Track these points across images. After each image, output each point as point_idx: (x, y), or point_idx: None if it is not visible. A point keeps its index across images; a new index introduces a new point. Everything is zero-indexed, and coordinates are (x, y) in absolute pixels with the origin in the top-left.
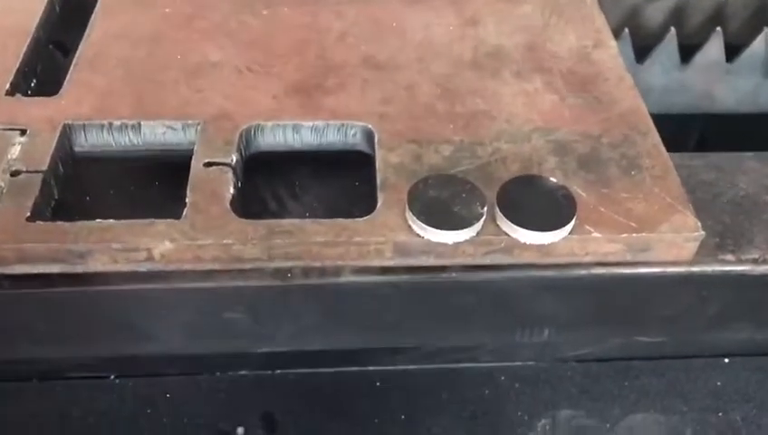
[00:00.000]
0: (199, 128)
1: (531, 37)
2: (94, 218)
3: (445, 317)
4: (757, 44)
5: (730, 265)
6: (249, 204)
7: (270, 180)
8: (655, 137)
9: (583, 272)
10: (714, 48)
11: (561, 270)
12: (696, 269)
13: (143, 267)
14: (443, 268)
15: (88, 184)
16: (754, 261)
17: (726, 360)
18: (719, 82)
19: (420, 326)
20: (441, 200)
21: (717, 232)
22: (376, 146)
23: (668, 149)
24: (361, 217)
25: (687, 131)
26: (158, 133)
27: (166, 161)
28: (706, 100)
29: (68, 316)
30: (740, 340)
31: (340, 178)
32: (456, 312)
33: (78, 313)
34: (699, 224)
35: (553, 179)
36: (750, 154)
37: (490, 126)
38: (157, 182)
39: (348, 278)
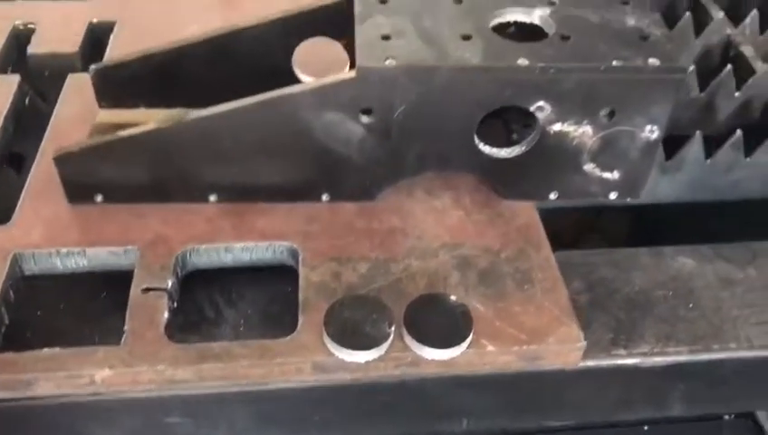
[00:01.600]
0: (138, 253)
1: None
2: (42, 337)
3: (368, 414)
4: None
5: (622, 359)
6: (189, 313)
7: (208, 290)
8: (547, 250)
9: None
10: None
11: None
12: (591, 364)
13: (86, 390)
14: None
15: (36, 303)
16: (644, 354)
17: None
18: None
19: (345, 423)
20: (354, 321)
21: (612, 328)
22: (299, 265)
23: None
24: (294, 321)
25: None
26: (101, 257)
27: (111, 279)
28: None
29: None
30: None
31: (274, 285)
32: (378, 408)
33: (21, 424)
34: (582, 334)
35: (453, 297)
36: (645, 250)
37: (403, 242)
38: (102, 298)
39: (275, 386)
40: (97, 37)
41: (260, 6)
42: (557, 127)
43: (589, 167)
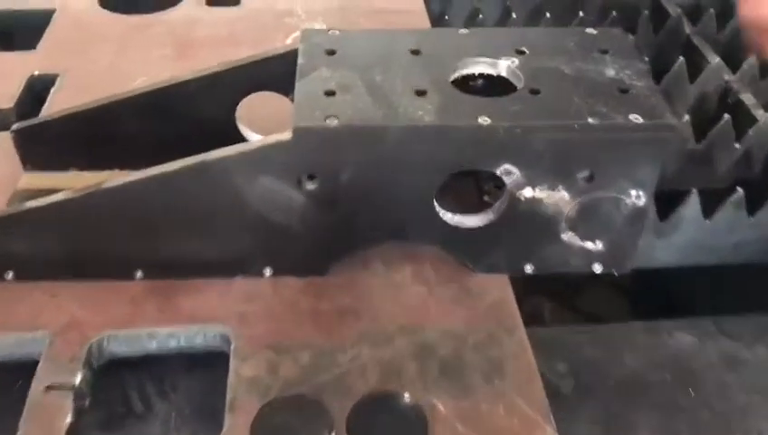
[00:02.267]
0: (47, 341)
1: None
2: None
3: None
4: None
5: None
6: (114, 405)
7: (138, 377)
8: (520, 333)
9: None
10: None
11: None
12: None
13: None
14: None
15: None
16: None
17: None
18: None
19: None
20: (287, 428)
21: (602, 420)
22: (231, 355)
23: None
24: None
25: None
26: (7, 344)
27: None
28: None
29: None
30: None
31: (214, 372)
32: None
33: None
34: None
35: (407, 396)
36: (638, 325)
37: (354, 326)
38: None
39: None
40: (37, 91)
41: (217, 57)
42: (528, 193)
43: (567, 236)
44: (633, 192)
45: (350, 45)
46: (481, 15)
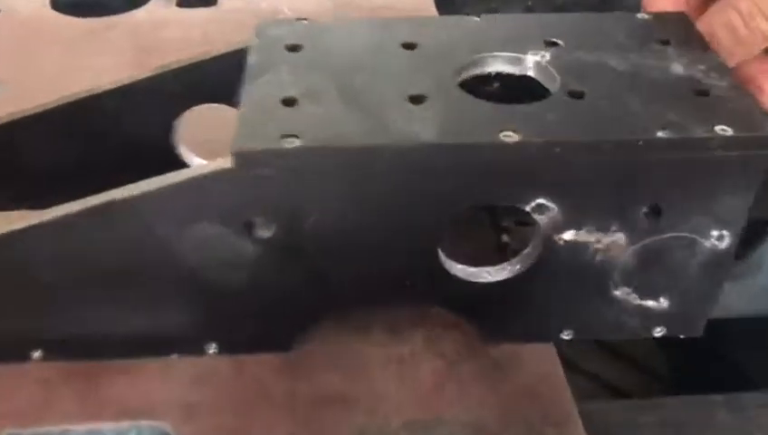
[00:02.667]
0: None
1: None
2: None
3: None
4: None
5: None
6: None
7: None
8: (576, 427)
9: None
10: None
11: None
12: None
13: None
14: None
15: None
16: None
17: None
18: None
19: None
20: None
21: None
22: None
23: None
24: None
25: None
26: None
27: None
28: None
29: None
30: None
31: None
32: None
33: None
34: None
35: None
36: (719, 399)
37: (344, 419)
38: None
39: None
40: None
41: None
42: (569, 235)
43: (621, 293)
44: (714, 232)
45: (322, 39)
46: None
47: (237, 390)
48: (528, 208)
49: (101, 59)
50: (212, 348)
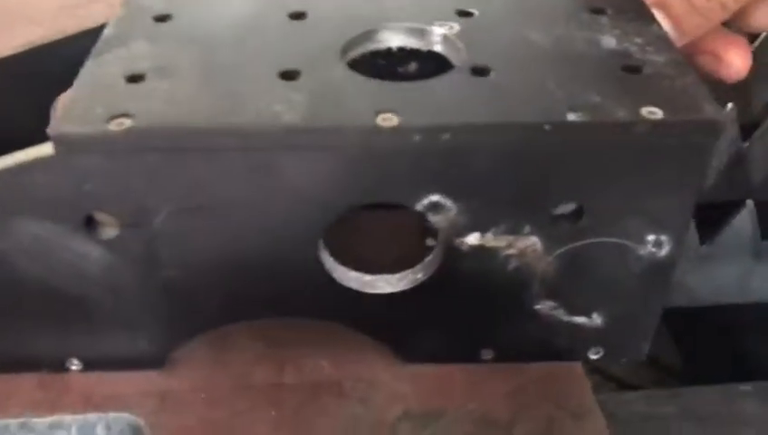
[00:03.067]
0: None
1: None
2: None
3: None
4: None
5: None
6: None
7: None
8: (597, 422)
9: None
10: None
11: None
12: None
13: None
14: None
15: None
16: None
17: None
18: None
19: None
20: None
21: None
22: None
23: None
24: None
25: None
26: None
27: None
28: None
29: None
30: None
31: None
32: None
33: None
34: None
35: None
36: (748, 388)
37: (335, 411)
38: None
39: None
40: None
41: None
42: (473, 239)
43: (544, 307)
44: (650, 237)
45: (198, 8)
46: None
47: (216, 379)
48: (420, 208)
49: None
50: (74, 364)
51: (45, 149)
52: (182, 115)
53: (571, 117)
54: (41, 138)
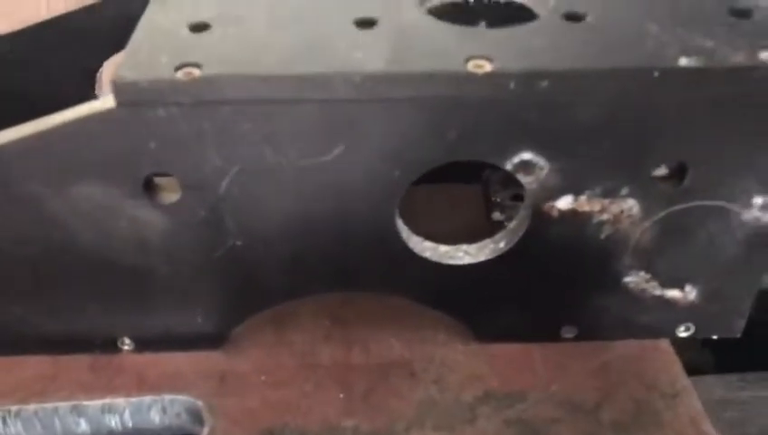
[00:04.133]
0: None
1: None
2: None
3: None
4: None
5: None
6: None
7: None
8: (692, 402)
9: None
10: None
11: None
12: None
13: None
14: None
15: None
16: None
17: None
18: None
19: None
20: None
21: None
22: None
23: None
24: None
25: None
26: None
27: None
28: None
29: None
30: None
31: None
32: None
33: None
34: None
35: None
36: None
37: (408, 393)
38: None
39: None
40: None
41: None
42: (565, 203)
43: (635, 280)
44: (758, 200)
45: None
46: None
47: (280, 358)
48: (509, 167)
49: None
50: (126, 344)
51: (107, 101)
52: (254, 64)
53: (684, 62)
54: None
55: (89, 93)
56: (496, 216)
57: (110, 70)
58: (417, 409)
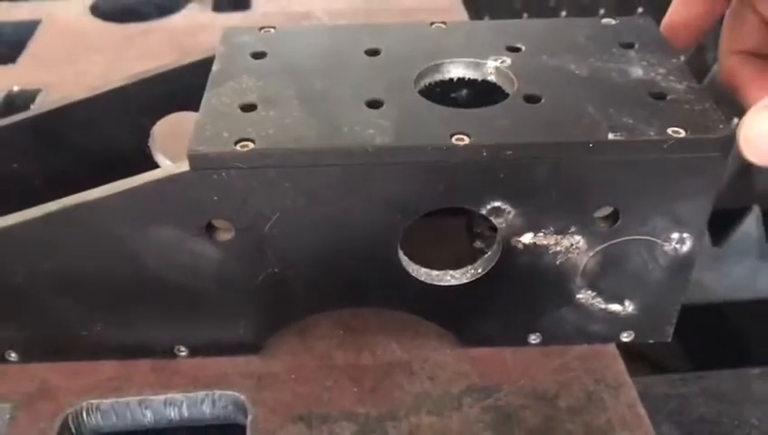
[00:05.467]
0: (7, 417)
1: None
2: None
3: None
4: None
5: None
6: None
7: None
8: (630, 392)
9: None
10: None
11: None
12: None
13: None
14: None
15: None
16: None
17: None
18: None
19: None
20: None
21: None
22: (248, 429)
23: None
24: None
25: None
26: None
27: None
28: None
29: None
30: None
31: None
32: None
33: None
34: None
35: None
36: (756, 372)
37: (408, 386)
38: None
39: None
40: (17, 108)
41: None
42: (527, 238)
43: (585, 297)
44: (675, 235)
45: (287, 46)
46: (525, 15)
47: (305, 360)
48: (484, 212)
49: (141, 63)
50: (182, 351)
51: (182, 166)
52: (292, 139)
53: (611, 136)
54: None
55: (143, 147)
56: (477, 244)
57: (161, 128)
58: (414, 399)
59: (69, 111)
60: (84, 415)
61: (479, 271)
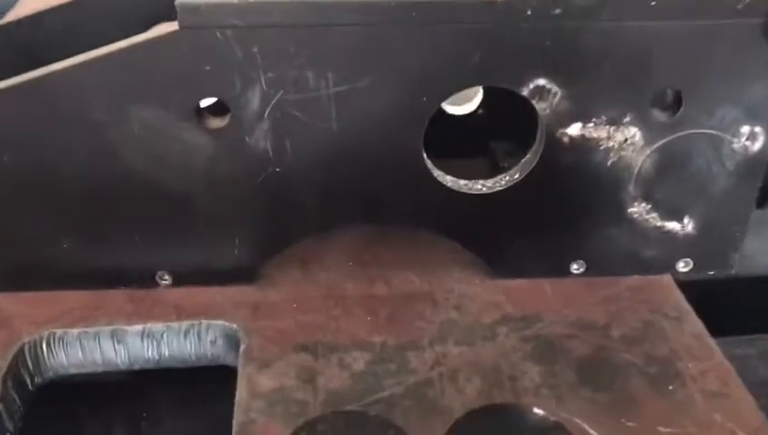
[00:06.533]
0: None
1: None
2: None
3: None
4: None
5: None
6: None
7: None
8: (695, 323)
9: None
10: None
11: None
12: None
13: None
14: None
15: None
16: None
17: None
18: None
19: None
20: None
21: None
22: (240, 360)
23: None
24: None
25: None
26: None
27: None
28: None
29: None
30: None
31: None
32: None
33: None
34: None
35: (538, 411)
36: None
37: (431, 316)
38: None
39: None
40: None
41: None
42: (575, 129)
43: (639, 210)
44: (745, 128)
45: None
46: None
47: (308, 287)
48: (526, 93)
49: None
50: (165, 279)
51: (171, 26)
52: None
53: None
54: None
55: None
56: (501, 164)
57: None
58: (439, 328)
59: (43, 19)
60: (44, 347)
61: (515, 177)
